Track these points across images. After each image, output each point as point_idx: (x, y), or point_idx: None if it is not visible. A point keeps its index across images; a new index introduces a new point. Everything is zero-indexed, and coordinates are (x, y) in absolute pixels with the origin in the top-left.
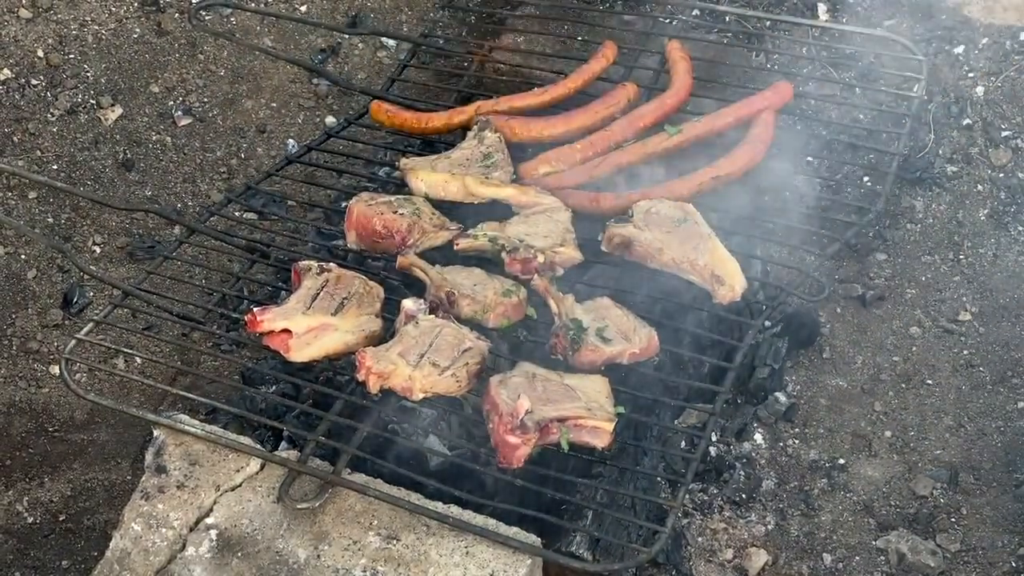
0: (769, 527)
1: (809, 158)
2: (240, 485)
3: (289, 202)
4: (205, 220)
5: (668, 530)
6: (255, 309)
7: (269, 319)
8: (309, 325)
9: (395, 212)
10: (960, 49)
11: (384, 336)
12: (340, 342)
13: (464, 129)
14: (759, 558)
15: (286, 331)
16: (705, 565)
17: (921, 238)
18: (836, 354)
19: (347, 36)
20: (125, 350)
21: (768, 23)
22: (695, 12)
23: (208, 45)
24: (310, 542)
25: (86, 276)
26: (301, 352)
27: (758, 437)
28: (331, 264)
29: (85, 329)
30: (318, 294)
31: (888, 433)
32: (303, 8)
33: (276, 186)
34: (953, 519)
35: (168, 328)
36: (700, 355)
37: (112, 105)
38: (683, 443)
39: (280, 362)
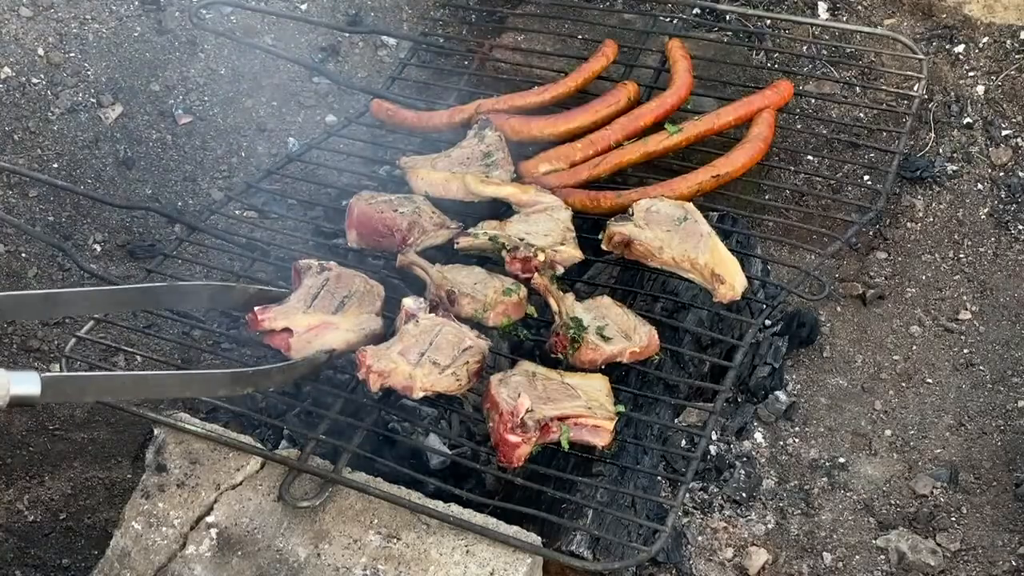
0: (769, 526)
1: (810, 156)
2: (240, 484)
3: (290, 200)
4: (205, 218)
5: (668, 529)
6: (256, 308)
7: (270, 318)
8: (310, 324)
9: (395, 210)
10: (960, 48)
11: (385, 335)
12: (341, 340)
13: (464, 128)
14: (759, 557)
15: (287, 330)
16: (705, 564)
17: (921, 237)
18: (836, 353)
19: (347, 35)
20: (125, 348)
21: (768, 22)
22: (695, 11)
23: (209, 44)
24: (310, 541)
25: (86, 274)
26: (302, 351)
27: (758, 436)
28: (331, 263)
29: (86, 327)
30: (319, 293)
31: (888, 432)
32: (303, 7)
33: (276, 184)
34: (953, 518)
35: (168, 326)
36: (701, 354)
37: (113, 103)
38: (683, 442)
39: (280, 360)
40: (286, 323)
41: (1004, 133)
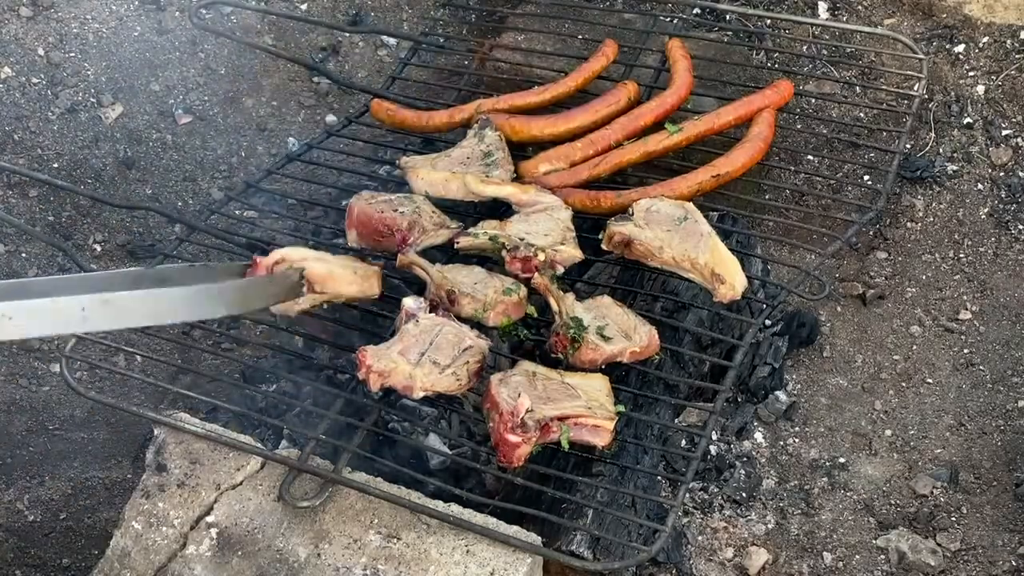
0: (769, 526)
1: (810, 156)
2: (241, 483)
3: (290, 200)
4: (205, 218)
5: (668, 529)
6: (257, 257)
7: (275, 254)
8: (304, 256)
9: (395, 210)
10: (961, 48)
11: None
12: (325, 270)
13: (465, 127)
14: (759, 557)
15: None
16: (705, 564)
17: (922, 237)
18: (836, 353)
19: (348, 34)
20: (125, 348)
21: (768, 21)
22: (696, 10)
23: (208, 43)
24: (311, 541)
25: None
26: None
27: (758, 436)
28: None
29: None
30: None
31: (888, 432)
32: (304, 7)
33: (277, 184)
34: (953, 518)
35: (168, 326)
36: (701, 354)
37: (113, 103)
38: (683, 442)
39: (281, 360)
40: (283, 254)
41: (1004, 133)
